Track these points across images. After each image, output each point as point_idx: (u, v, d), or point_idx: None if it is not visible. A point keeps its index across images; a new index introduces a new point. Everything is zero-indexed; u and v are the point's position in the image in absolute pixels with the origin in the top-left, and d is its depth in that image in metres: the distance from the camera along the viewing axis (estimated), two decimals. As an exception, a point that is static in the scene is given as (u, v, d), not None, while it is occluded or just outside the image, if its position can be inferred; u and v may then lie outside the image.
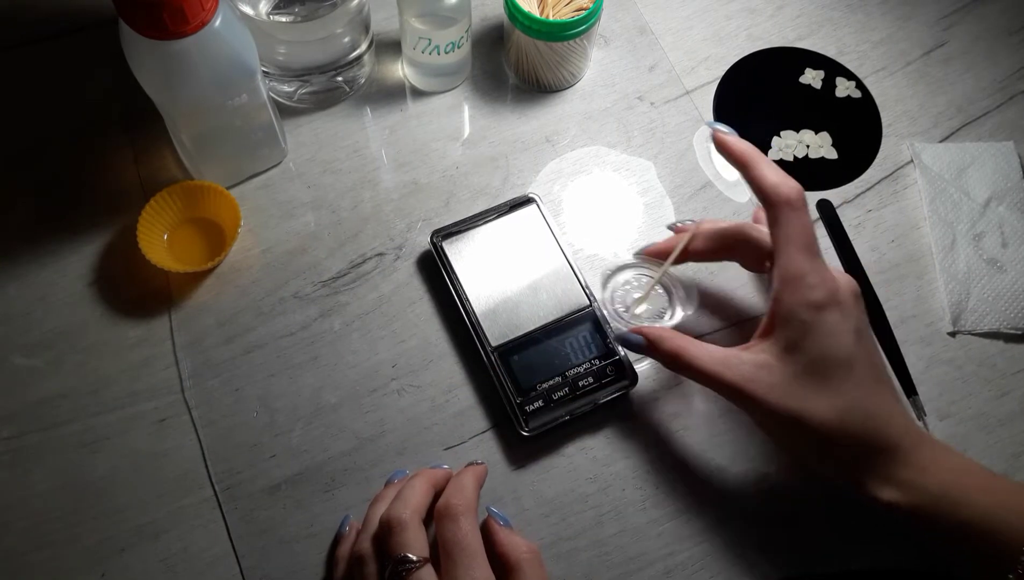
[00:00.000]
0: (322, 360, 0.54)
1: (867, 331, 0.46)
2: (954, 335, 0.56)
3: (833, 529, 0.51)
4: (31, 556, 0.49)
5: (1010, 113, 0.64)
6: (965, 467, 0.45)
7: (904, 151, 0.63)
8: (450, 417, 0.53)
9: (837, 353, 0.44)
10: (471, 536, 0.42)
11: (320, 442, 0.52)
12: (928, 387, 0.55)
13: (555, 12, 0.59)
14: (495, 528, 0.45)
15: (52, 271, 0.56)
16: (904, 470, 0.44)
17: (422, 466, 0.52)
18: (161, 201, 0.56)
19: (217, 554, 0.50)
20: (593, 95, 0.64)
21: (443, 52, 0.58)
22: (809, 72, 0.65)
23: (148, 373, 0.54)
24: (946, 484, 0.43)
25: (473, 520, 0.44)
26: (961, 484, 0.43)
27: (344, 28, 0.56)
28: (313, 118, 0.62)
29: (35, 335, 0.54)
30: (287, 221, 0.58)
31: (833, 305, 0.45)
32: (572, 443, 0.53)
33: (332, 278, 0.57)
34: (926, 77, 0.65)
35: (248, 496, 0.51)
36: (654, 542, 0.50)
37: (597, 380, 0.53)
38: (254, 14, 0.54)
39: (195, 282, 0.56)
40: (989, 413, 0.54)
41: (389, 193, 0.60)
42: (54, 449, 0.52)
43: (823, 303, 0.44)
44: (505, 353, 0.53)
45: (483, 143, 0.62)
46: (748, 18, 0.67)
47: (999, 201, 0.60)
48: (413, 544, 0.42)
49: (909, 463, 0.44)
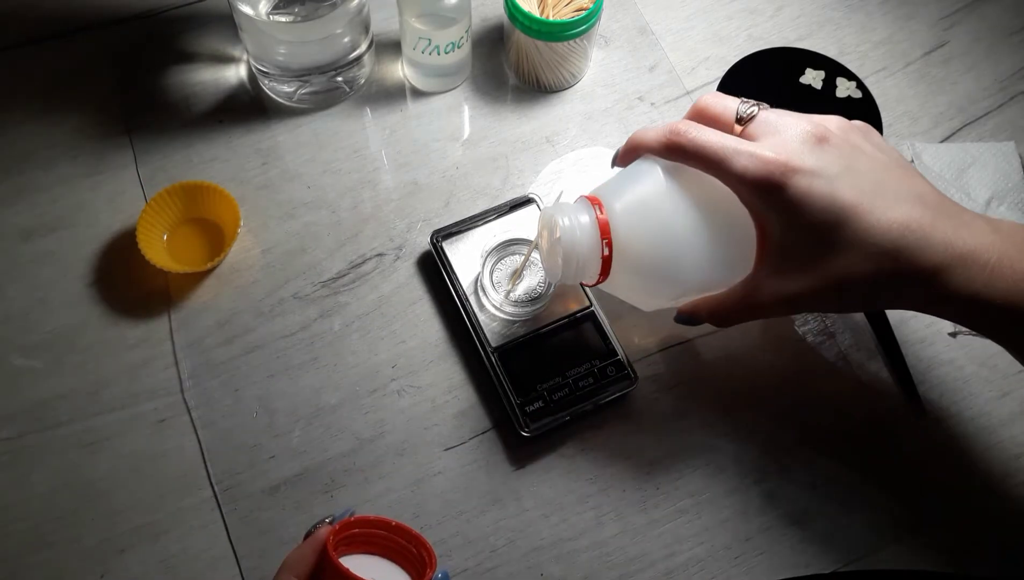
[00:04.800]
0: (322, 361, 0.54)
1: (852, 167, 0.43)
2: (955, 336, 0.56)
3: (834, 530, 0.51)
4: (31, 557, 0.49)
5: (1011, 113, 0.64)
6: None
7: (905, 151, 0.62)
8: (450, 418, 0.53)
9: (822, 215, 0.41)
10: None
11: (320, 443, 0.52)
12: (929, 388, 0.55)
13: (555, 12, 0.59)
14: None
15: (52, 271, 0.56)
16: (955, 288, 0.41)
17: (422, 466, 0.52)
18: (160, 201, 0.56)
19: (216, 555, 0.49)
20: (593, 95, 0.64)
21: (443, 52, 0.58)
22: (810, 72, 0.65)
23: (148, 374, 0.54)
24: (1011, 292, 0.41)
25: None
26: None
27: (344, 28, 0.56)
28: (313, 118, 0.62)
29: (35, 336, 0.54)
30: (287, 221, 0.58)
31: (789, 175, 0.41)
32: (572, 443, 0.53)
33: (332, 278, 0.57)
34: (927, 77, 0.65)
35: (248, 497, 0.51)
36: (654, 543, 0.50)
37: (597, 380, 0.53)
38: (254, 14, 0.54)
39: (195, 282, 0.56)
40: (990, 414, 0.54)
41: (389, 193, 0.60)
42: (54, 450, 0.51)
43: (777, 183, 0.42)
44: (505, 353, 0.53)
45: (483, 143, 0.62)
46: (748, 18, 0.67)
47: (1000, 201, 0.60)
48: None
49: (954, 282, 0.41)
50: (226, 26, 0.64)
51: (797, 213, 0.42)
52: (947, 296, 0.41)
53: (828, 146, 0.43)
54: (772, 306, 0.45)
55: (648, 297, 0.50)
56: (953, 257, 0.41)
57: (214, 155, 0.60)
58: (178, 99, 0.62)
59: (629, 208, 0.46)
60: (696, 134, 0.44)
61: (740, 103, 0.46)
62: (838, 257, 0.42)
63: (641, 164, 0.48)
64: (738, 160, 0.43)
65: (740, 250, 0.46)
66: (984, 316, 0.42)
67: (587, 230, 0.46)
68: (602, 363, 0.53)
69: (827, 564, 0.50)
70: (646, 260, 0.46)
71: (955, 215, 0.42)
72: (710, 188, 0.45)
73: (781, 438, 0.53)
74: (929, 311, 0.44)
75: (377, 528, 0.41)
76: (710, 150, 0.43)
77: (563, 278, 0.48)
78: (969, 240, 0.41)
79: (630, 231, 0.46)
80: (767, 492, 0.52)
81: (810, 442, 0.53)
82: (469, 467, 0.52)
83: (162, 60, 0.63)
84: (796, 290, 0.44)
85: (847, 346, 0.56)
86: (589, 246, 0.46)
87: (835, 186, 0.42)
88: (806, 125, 0.44)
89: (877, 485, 0.52)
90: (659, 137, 0.46)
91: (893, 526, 0.51)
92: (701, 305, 0.49)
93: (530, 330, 0.54)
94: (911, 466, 0.53)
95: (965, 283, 0.41)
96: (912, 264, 0.41)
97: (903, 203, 0.42)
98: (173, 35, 0.64)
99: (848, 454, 0.53)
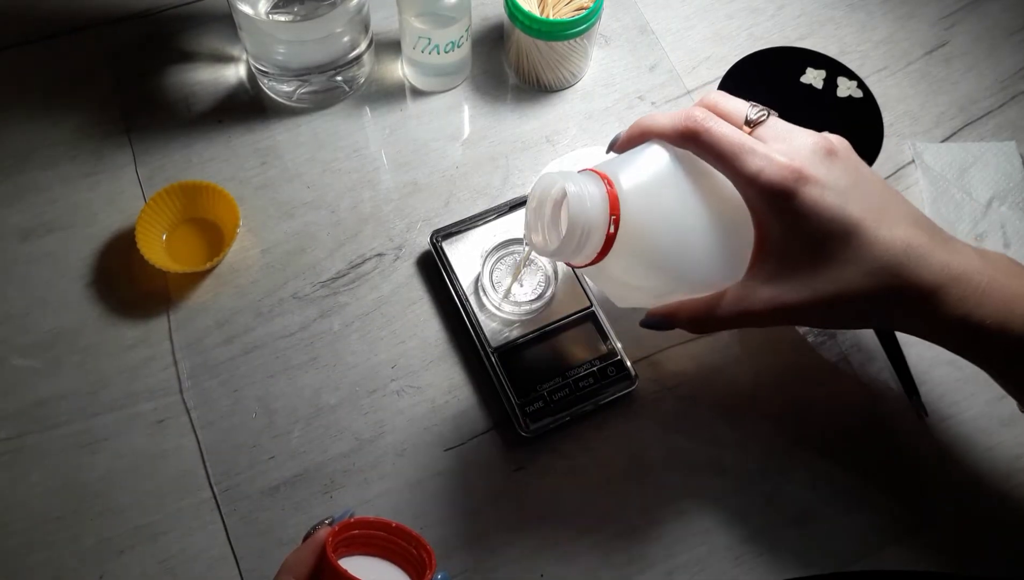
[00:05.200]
0: (321, 361, 0.54)
1: (858, 183, 0.43)
2: (956, 336, 0.56)
3: (834, 530, 0.51)
4: (30, 557, 0.49)
5: (1012, 113, 0.64)
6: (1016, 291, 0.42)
7: (906, 151, 0.62)
8: (450, 418, 0.53)
9: (830, 226, 0.41)
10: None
11: (319, 443, 0.52)
12: (930, 388, 0.55)
13: (555, 12, 0.59)
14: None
15: (51, 271, 0.56)
16: (949, 309, 0.41)
17: (422, 467, 0.52)
18: (160, 201, 0.56)
19: (216, 556, 0.49)
20: (593, 95, 0.64)
21: (443, 52, 0.58)
22: (810, 72, 0.65)
23: (147, 374, 0.54)
24: (999, 314, 0.41)
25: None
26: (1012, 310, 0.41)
27: (343, 27, 0.56)
28: (312, 118, 0.62)
29: (34, 336, 0.54)
30: (286, 221, 0.58)
31: (801, 183, 0.41)
32: (573, 444, 0.53)
33: (331, 278, 0.57)
34: (928, 77, 0.65)
35: (247, 497, 0.51)
36: (655, 543, 0.50)
37: (598, 380, 0.53)
38: (253, 13, 0.54)
39: (194, 282, 0.56)
40: (991, 414, 0.54)
41: (389, 193, 0.59)
42: (53, 450, 0.51)
43: (789, 189, 0.41)
44: (505, 354, 0.53)
45: (483, 143, 0.61)
46: (749, 17, 0.67)
47: (1001, 201, 0.60)
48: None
49: (949, 302, 0.41)
50: (225, 26, 0.64)
51: (804, 222, 0.42)
52: (940, 316, 0.42)
53: (837, 160, 0.43)
54: (764, 314, 0.44)
55: (633, 289, 0.48)
56: (949, 277, 0.41)
57: (213, 155, 0.60)
58: (177, 99, 0.62)
59: (639, 189, 0.43)
60: (714, 125, 0.43)
61: (750, 106, 0.45)
62: (840, 269, 0.42)
63: (649, 148, 0.46)
64: (752, 160, 0.42)
65: (736, 253, 0.45)
66: (972, 339, 0.43)
67: (596, 202, 0.43)
68: (602, 363, 0.53)
69: (827, 564, 0.50)
70: (650, 247, 0.44)
71: (947, 240, 0.43)
72: (714, 185, 0.44)
73: (781, 438, 0.53)
74: (918, 333, 0.44)
75: (377, 529, 0.40)
76: (726, 144, 0.43)
77: (557, 252, 0.44)
78: (963, 262, 0.42)
79: (638, 213, 0.43)
80: (768, 492, 0.52)
81: (811, 442, 0.53)
82: (469, 467, 0.52)
83: (161, 60, 0.63)
84: (791, 300, 0.43)
85: (848, 347, 0.56)
86: (596, 220, 0.43)
87: (845, 200, 0.42)
88: (816, 137, 0.44)
89: (877, 485, 0.52)
90: (674, 123, 0.44)
91: (893, 526, 0.51)
92: (681, 309, 0.47)
93: (530, 330, 0.54)
94: (911, 466, 0.53)
95: (958, 303, 0.41)
96: (911, 281, 0.41)
97: (904, 223, 0.42)
98: (172, 35, 0.64)
99: (849, 454, 0.53)
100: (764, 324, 0.45)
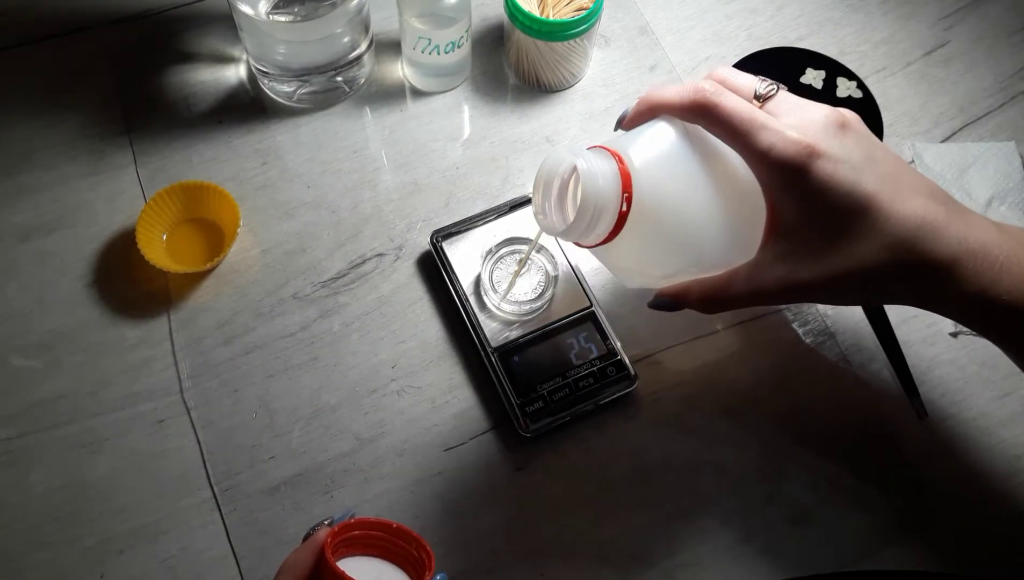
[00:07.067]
0: (321, 361, 0.54)
1: (872, 156, 0.42)
2: (956, 336, 0.56)
3: (834, 530, 0.51)
4: (30, 557, 0.49)
5: (1012, 113, 0.64)
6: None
7: (905, 151, 0.62)
8: (450, 418, 0.53)
9: (844, 201, 0.40)
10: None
11: (319, 443, 0.52)
12: (930, 388, 0.55)
13: (555, 12, 0.59)
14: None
15: (51, 271, 0.56)
16: (965, 283, 0.40)
17: (422, 467, 0.52)
18: (160, 201, 0.56)
19: (216, 555, 0.49)
20: (593, 95, 0.64)
21: (443, 52, 0.58)
22: (810, 72, 0.65)
23: (147, 374, 0.54)
24: (1018, 289, 0.40)
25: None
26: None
27: (344, 28, 0.56)
28: (313, 118, 0.62)
29: (34, 336, 0.54)
30: (287, 221, 0.58)
31: (814, 158, 0.40)
32: (573, 444, 0.53)
33: (332, 279, 0.57)
34: (927, 77, 0.65)
35: (247, 497, 0.51)
36: (655, 543, 0.50)
37: (598, 380, 0.53)
38: (253, 14, 0.54)
39: (194, 283, 0.56)
40: (991, 414, 0.54)
41: (389, 193, 0.59)
42: (53, 450, 0.51)
43: (801, 165, 0.40)
44: (505, 354, 0.53)
45: (483, 143, 0.61)
46: (749, 18, 0.67)
47: (1001, 201, 0.60)
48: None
49: (965, 277, 0.40)
50: (226, 26, 0.64)
51: (817, 198, 0.41)
52: (955, 290, 0.41)
53: (850, 133, 0.42)
54: (775, 293, 0.43)
55: (644, 270, 0.46)
56: (966, 251, 0.40)
57: (214, 155, 0.60)
58: (178, 99, 0.62)
59: (650, 165, 0.42)
60: (725, 99, 0.42)
61: (759, 81, 0.44)
62: (854, 245, 0.41)
63: (658, 123, 0.44)
64: (764, 135, 0.41)
65: (747, 231, 0.44)
66: (988, 314, 0.42)
67: (609, 179, 0.42)
68: (602, 363, 0.53)
69: (827, 564, 0.50)
70: (662, 225, 0.43)
71: (964, 213, 0.42)
72: (725, 161, 0.43)
73: (781, 438, 0.53)
74: (933, 307, 0.43)
75: (376, 530, 0.40)
76: (737, 119, 0.42)
77: (568, 232, 0.43)
78: (980, 236, 0.41)
79: (650, 190, 0.42)
80: (767, 492, 0.52)
81: (810, 442, 0.53)
82: (469, 467, 0.52)
83: (162, 60, 0.63)
84: (804, 277, 0.42)
85: (848, 346, 0.56)
86: (608, 198, 0.42)
87: (858, 174, 0.41)
88: (827, 110, 0.43)
89: (877, 485, 0.52)
90: (683, 96, 0.43)
91: (893, 526, 0.51)
92: (692, 288, 0.46)
93: (530, 330, 0.54)
94: (911, 466, 0.53)
95: (974, 278, 0.40)
96: (927, 255, 0.40)
97: (919, 196, 0.41)
98: (173, 35, 0.64)
99: (848, 454, 0.53)
100: (776, 302, 0.44)
